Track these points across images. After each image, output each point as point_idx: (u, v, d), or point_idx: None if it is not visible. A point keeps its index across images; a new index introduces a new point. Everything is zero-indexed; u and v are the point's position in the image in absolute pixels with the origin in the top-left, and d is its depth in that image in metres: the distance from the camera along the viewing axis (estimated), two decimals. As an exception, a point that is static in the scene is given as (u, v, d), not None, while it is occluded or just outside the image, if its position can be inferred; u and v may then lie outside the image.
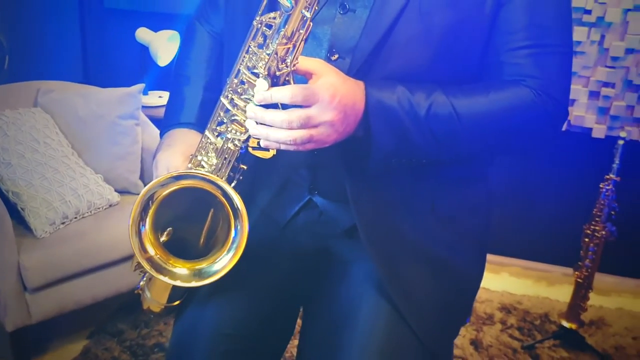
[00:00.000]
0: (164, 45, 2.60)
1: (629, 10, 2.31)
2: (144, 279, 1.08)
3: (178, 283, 0.91)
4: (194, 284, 0.90)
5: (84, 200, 2.07)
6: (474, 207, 1.03)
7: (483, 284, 2.84)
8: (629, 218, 2.36)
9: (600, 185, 2.15)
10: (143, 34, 2.65)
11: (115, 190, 2.21)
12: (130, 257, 2.08)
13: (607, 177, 2.13)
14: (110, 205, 2.17)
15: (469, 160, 1.00)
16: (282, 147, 0.83)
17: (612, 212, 2.15)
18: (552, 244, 2.73)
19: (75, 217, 2.05)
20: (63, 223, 2.01)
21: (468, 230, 1.02)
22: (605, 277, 2.65)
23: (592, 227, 2.18)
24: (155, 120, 2.51)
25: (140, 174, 2.33)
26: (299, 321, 1.20)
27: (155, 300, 1.07)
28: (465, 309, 1.08)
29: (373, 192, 0.96)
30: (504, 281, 2.73)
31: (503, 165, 2.58)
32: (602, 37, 2.37)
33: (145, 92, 2.71)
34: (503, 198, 2.68)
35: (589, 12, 2.35)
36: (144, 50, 2.66)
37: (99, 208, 2.12)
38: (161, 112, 2.66)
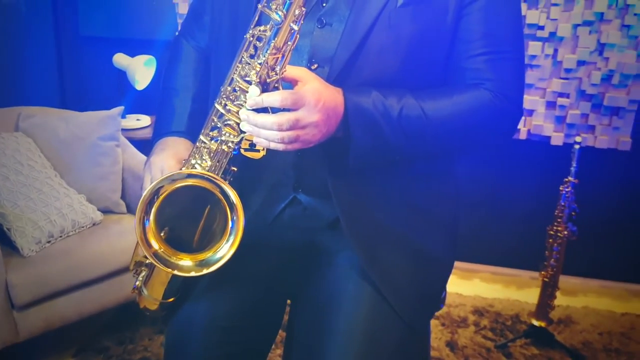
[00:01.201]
0: (141, 70, 2.69)
1: (578, 25, 2.48)
2: (140, 279, 1.15)
3: (188, 274, 0.99)
4: (203, 272, 0.98)
5: (69, 219, 2.13)
6: (444, 199, 1.15)
7: (456, 289, 2.93)
8: (589, 218, 2.51)
9: (560, 188, 2.29)
10: (120, 59, 2.73)
11: (98, 210, 2.27)
12: (114, 274, 2.14)
13: (566, 179, 2.27)
14: (93, 224, 2.23)
15: (438, 157, 1.12)
16: (272, 145, 0.93)
17: (573, 213, 2.30)
18: (520, 249, 2.87)
19: (61, 236, 2.11)
20: (49, 242, 2.07)
21: (439, 220, 1.14)
22: (571, 279, 2.79)
23: (554, 227, 2.32)
24: (133, 142, 2.59)
25: (122, 194, 2.39)
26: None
27: (151, 297, 1.15)
28: (438, 289, 1.19)
29: (353, 187, 1.06)
30: (475, 286, 2.86)
31: (469, 176, 2.71)
32: (556, 50, 2.54)
33: (122, 116, 2.78)
34: (471, 207, 2.81)
35: (542, 27, 2.51)
36: (122, 74, 2.74)
37: (83, 227, 2.18)
38: (139, 134, 2.76)
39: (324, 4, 1.04)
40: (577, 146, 2.23)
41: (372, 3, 1.00)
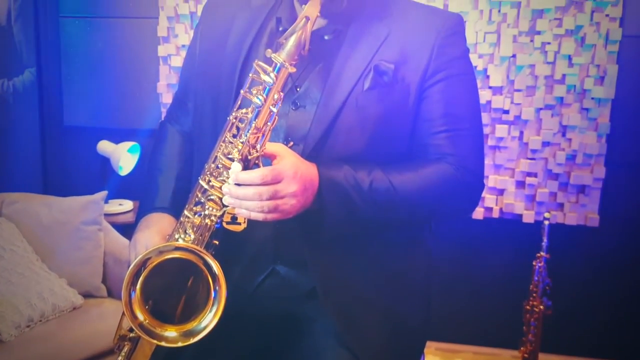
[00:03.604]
0: (124, 156, 2.77)
1: (540, 109, 2.64)
2: (122, 354, 1.17)
3: (175, 345, 1.02)
4: (190, 341, 1.02)
5: (49, 303, 2.13)
6: (417, 265, 1.22)
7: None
8: (563, 293, 2.56)
9: (533, 263, 2.36)
10: (104, 146, 2.81)
11: (79, 293, 2.27)
12: (94, 358, 2.12)
13: (538, 255, 2.35)
14: (74, 308, 2.23)
15: (408, 226, 1.19)
16: (252, 215, 1.00)
17: (547, 287, 2.36)
18: (499, 327, 2.88)
19: (40, 320, 2.10)
20: (28, 326, 2.06)
21: (413, 285, 1.20)
22: (550, 356, 2.80)
23: (530, 302, 2.37)
24: (116, 227, 2.63)
25: (103, 278, 2.41)
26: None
27: (135, 372, 1.17)
28: (416, 354, 1.23)
29: (328, 257, 1.13)
30: (458, 366, 2.85)
31: (445, 255, 2.78)
32: (521, 133, 2.69)
33: (105, 201, 2.83)
34: (448, 286, 2.85)
35: (507, 112, 2.67)
36: (105, 161, 2.82)
37: (63, 311, 2.18)
38: (122, 219, 2.81)
39: (298, 89, 1.15)
40: (546, 222, 2.32)
41: (341, 87, 1.11)
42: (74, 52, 3.08)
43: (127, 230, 2.66)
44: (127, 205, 2.90)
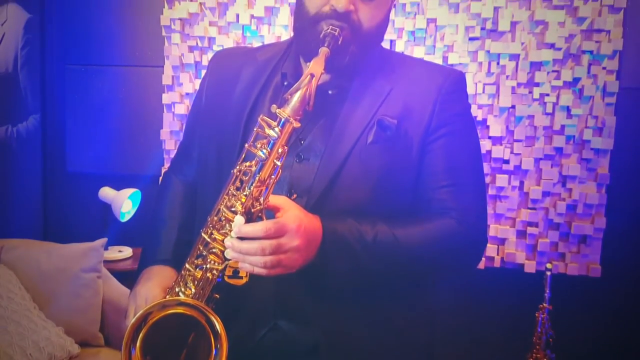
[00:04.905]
0: (126, 203, 2.77)
1: (540, 159, 2.66)
2: None
3: None
4: None
5: (45, 353, 2.09)
6: (420, 321, 1.21)
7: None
8: (566, 345, 2.52)
9: (536, 315, 2.34)
10: (106, 193, 2.82)
11: (76, 342, 2.24)
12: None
13: (541, 306, 2.33)
14: (70, 358, 2.19)
15: (411, 281, 1.19)
16: (255, 271, 0.99)
17: (550, 339, 2.33)
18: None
19: (36, 370, 2.06)
20: (23, 376, 2.02)
21: (417, 340, 1.19)
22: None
23: (534, 355, 2.34)
24: (115, 274, 2.61)
25: (101, 326, 2.38)
26: None
27: None
28: None
29: (331, 311, 1.12)
30: (460, 420, 2.78)
31: (447, 305, 2.75)
32: (521, 182, 2.70)
33: (105, 248, 2.83)
34: (451, 336, 2.81)
35: (507, 162, 2.69)
36: (107, 207, 2.82)
37: (59, 360, 2.15)
38: (121, 266, 2.79)
39: (302, 141, 1.16)
40: (548, 272, 2.31)
41: (345, 140, 1.12)
42: (79, 98, 3.12)
43: (126, 277, 2.65)
44: (127, 252, 2.89)
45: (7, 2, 2.92)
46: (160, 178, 2.91)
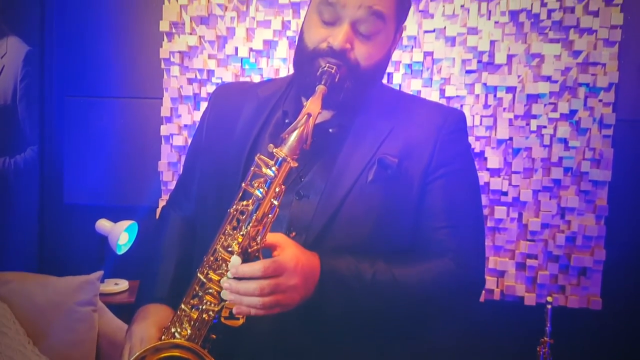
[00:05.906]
0: (123, 235, 2.76)
1: (538, 191, 2.66)
2: None
3: None
4: None
5: (38, 390, 2.06)
6: (420, 359, 1.18)
7: None
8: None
9: (538, 349, 2.30)
10: (103, 225, 2.80)
11: (70, 378, 2.20)
12: None
13: (542, 340, 2.29)
14: (64, 394, 2.15)
15: (409, 320, 1.17)
16: (253, 312, 0.98)
17: (552, 375, 2.29)
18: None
19: (28, 408, 2.02)
20: (15, 414, 1.98)
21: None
22: None
23: (535, 390, 2.30)
24: (111, 307, 2.58)
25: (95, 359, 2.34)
26: None
27: None
28: None
29: (330, 349, 1.10)
30: None
31: (446, 338, 2.71)
32: (520, 214, 2.69)
33: (101, 280, 2.80)
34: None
35: (505, 193, 2.68)
36: (103, 239, 2.80)
37: (52, 397, 2.11)
38: (117, 299, 2.76)
39: (302, 179, 1.15)
40: (549, 306, 2.28)
41: (345, 178, 1.11)
42: (78, 130, 3.12)
43: (122, 310, 2.61)
44: (124, 285, 2.86)
45: (7, 34, 2.94)
46: (158, 210, 2.92)
